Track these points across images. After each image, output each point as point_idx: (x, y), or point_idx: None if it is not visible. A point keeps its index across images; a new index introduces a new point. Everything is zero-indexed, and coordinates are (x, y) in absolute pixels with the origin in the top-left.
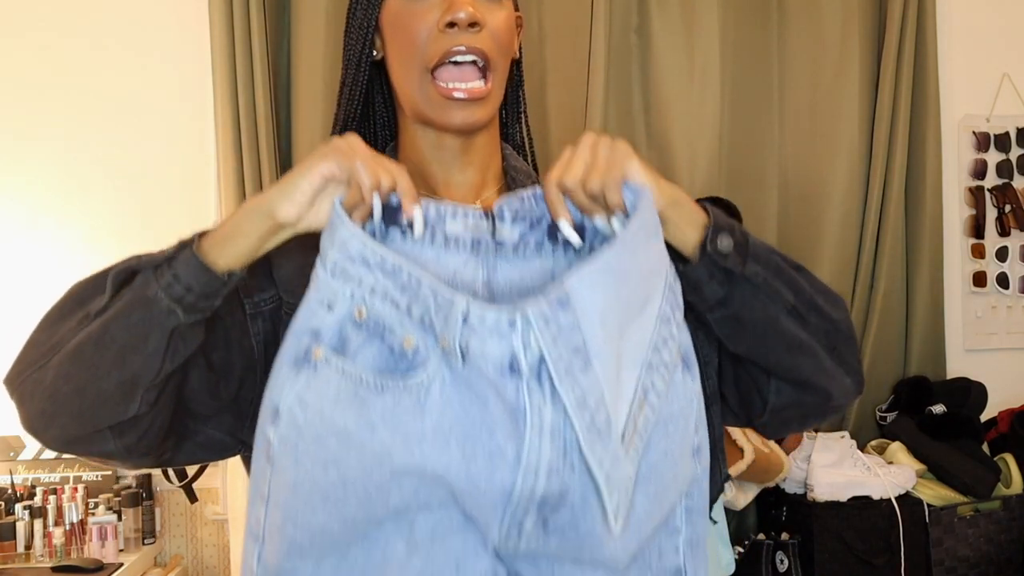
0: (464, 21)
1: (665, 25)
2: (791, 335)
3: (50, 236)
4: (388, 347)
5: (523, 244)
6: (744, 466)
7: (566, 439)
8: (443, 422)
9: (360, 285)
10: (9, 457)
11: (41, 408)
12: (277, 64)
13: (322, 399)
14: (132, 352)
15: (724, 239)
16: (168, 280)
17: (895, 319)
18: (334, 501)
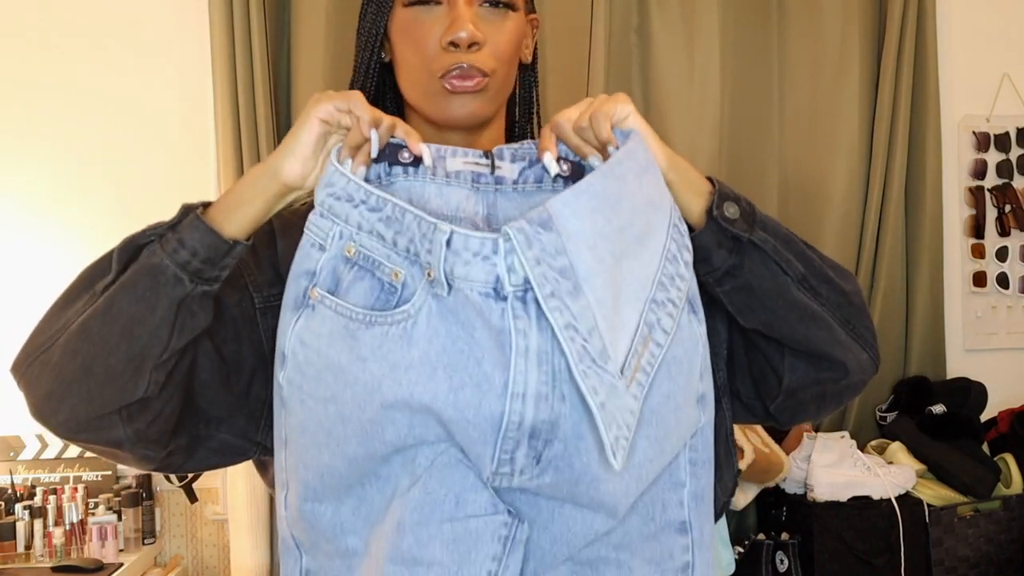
0: (464, 42)
1: (665, 25)
2: (803, 305)
3: (49, 236)
4: (378, 281)
5: (522, 180)
6: (744, 466)
7: (555, 365)
8: (430, 352)
9: (348, 222)
10: (9, 457)
11: (48, 390)
12: (277, 64)
13: (319, 337)
14: (139, 324)
15: (730, 206)
16: (174, 246)
17: (895, 319)
18: (336, 438)
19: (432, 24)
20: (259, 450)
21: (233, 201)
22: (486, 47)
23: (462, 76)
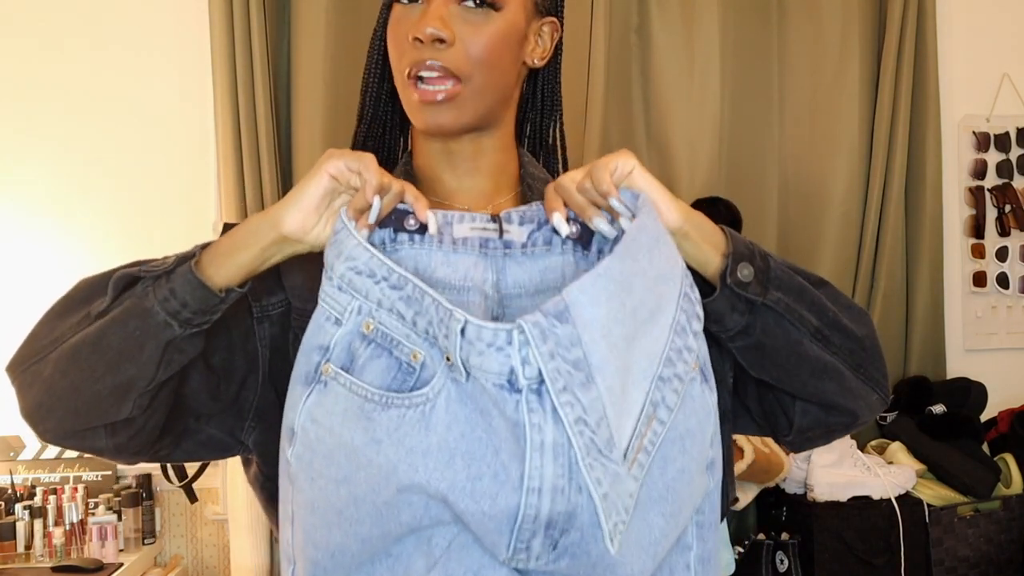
0: (429, 37)
1: (665, 25)
2: (815, 359)
3: (50, 236)
4: (396, 361)
5: (531, 243)
6: (744, 466)
7: (571, 458)
8: (448, 438)
9: (367, 298)
10: (9, 457)
11: (39, 400)
12: (277, 64)
13: (331, 416)
14: (127, 360)
15: (744, 267)
16: (165, 294)
17: (895, 319)
18: (348, 519)
19: (410, 21)
20: (243, 449)
21: (230, 246)
22: (457, 46)
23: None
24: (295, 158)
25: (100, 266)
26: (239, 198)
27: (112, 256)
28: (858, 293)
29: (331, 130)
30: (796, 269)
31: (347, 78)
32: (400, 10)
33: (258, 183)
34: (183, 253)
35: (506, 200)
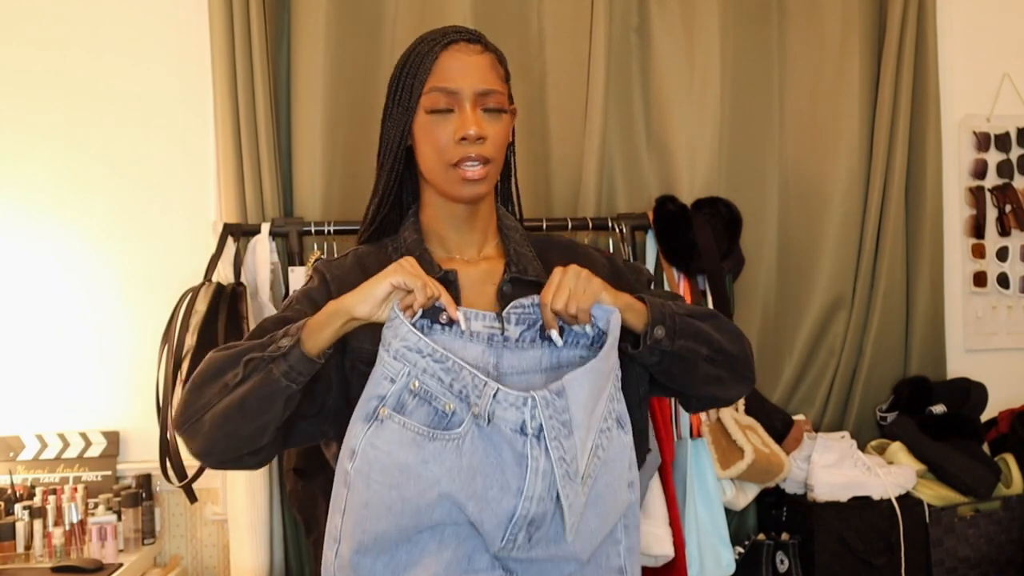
0: (473, 137)
1: (665, 25)
2: (706, 373)
3: (50, 236)
4: (434, 409)
5: (522, 340)
6: (744, 466)
7: (551, 480)
8: (473, 462)
9: (415, 366)
10: (9, 457)
11: (202, 447)
12: (277, 64)
13: (389, 443)
14: (264, 412)
15: (659, 329)
16: (285, 369)
17: (895, 319)
18: (394, 513)
19: (447, 126)
20: (325, 437)
21: (319, 327)
22: (488, 140)
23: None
24: (295, 158)
25: (100, 266)
26: (239, 198)
27: (112, 256)
28: (858, 293)
29: (331, 130)
30: (694, 313)
31: (347, 78)
32: (432, 120)
33: (258, 183)
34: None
35: (492, 248)
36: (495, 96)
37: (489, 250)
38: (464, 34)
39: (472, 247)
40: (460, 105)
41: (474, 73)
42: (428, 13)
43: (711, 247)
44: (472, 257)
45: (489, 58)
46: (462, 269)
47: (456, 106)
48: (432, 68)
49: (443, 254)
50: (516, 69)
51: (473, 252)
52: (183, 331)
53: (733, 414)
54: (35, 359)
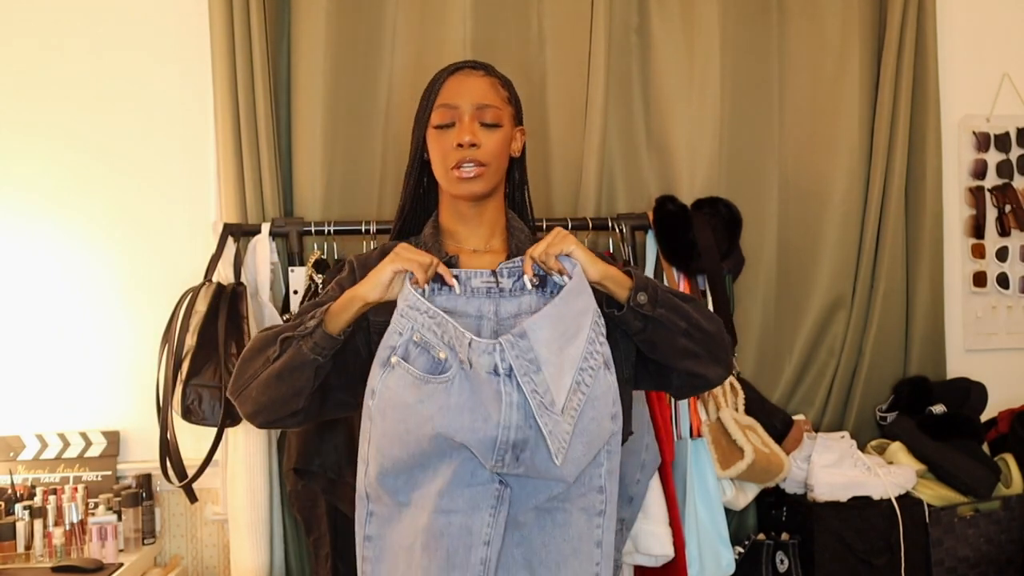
0: (467, 144)
1: (665, 25)
2: (684, 347)
3: (49, 236)
4: (431, 357)
5: (514, 289)
6: (744, 466)
7: (526, 411)
8: (460, 400)
9: (415, 322)
10: (9, 457)
11: (251, 409)
12: (277, 64)
13: (397, 385)
14: (297, 381)
15: (642, 295)
16: (311, 345)
17: (895, 319)
18: (403, 442)
19: (448, 137)
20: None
21: (338, 311)
22: (482, 148)
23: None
24: (295, 158)
25: (100, 266)
26: (239, 198)
27: (112, 256)
28: (858, 293)
29: (331, 130)
30: (675, 293)
31: (347, 78)
32: (438, 133)
33: (258, 183)
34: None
35: (498, 242)
36: (492, 111)
37: (495, 244)
38: (471, 63)
39: (479, 240)
40: (460, 119)
41: (473, 91)
42: (428, 13)
43: (711, 247)
44: (478, 248)
45: (490, 80)
46: (467, 257)
47: (457, 120)
48: (440, 90)
49: (454, 246)
50: (516, 69)
51: (479, 244)
52: (183, 331)
53: (733, 414)
54: (35, 359)
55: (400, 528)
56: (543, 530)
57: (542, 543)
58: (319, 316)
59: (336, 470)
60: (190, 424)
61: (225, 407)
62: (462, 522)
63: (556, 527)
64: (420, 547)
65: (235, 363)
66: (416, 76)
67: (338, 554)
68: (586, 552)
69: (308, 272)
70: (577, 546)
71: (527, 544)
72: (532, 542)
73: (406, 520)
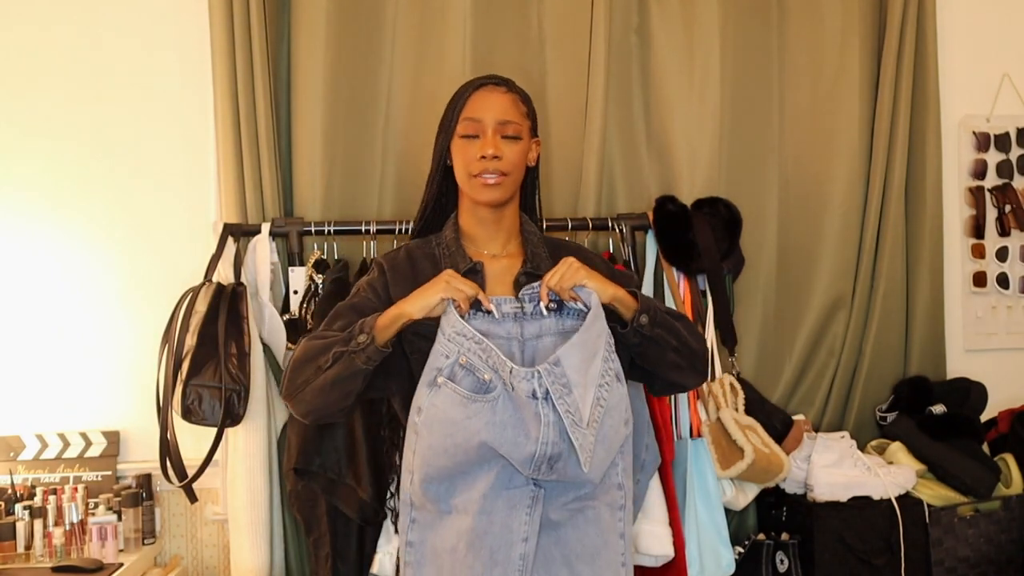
0: (490, 156)
1: (665, 25)
2: (671, 361)
3: (49, 236)
4: (476, 379)
5: (535, 313)
6: (744, 466)
7: (560, 428)
8: (504, 417)
9: (462, 347)
10: (9, 457)
11: (305, 410)
12: (277, 64)
13: (444, 403)
14: (349, 386)
15: (643, 317)
16: (364, 359)
17: (895, 319)
18: (449, 454)
19: (473, 148)
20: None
21: (385, 326)
22: (504, 159)
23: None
24: (295, 158)
25: (100, 266)
26: (239, 198)
27: (112, 256)
28: (858, 293)
29: (331, 130)
30: (670, 312)
31: (347, 78)
32: (462, 143)
33: (258, 183)
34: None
35: (513, 244)
36: (512, 126)
37: (512, 248)
38: (494, 79)
39: (497, 244)
40: (483, 132)
41: (496, 107)
42: (428, 13)
43: (711, 247)
44: (497, 253)
45: (512, 97)
46: (488, 262)
47: (480, 132)
48: (465, 104)
49: (474, 249)
50: (516, 69)
51: (498, 248)
52: (183, 331)
53: (733, 414)
54: (35, 359)
55: (442, 532)
56: (576, 527)
57: (577, 539)
58: (368, 332)
59: (336, 470)
60: (190, 424)
61: (225, 407)
62: (502, 522)
63: (588, 523)
64: (464, 547)
65: (235, 363)
66: (416, 76)
67: (338, 554)
68: (613, 543)
69: (308, 272)
70: (607, 538)
71: (563, 542)
72: (568, 539)
73: (448, 524)
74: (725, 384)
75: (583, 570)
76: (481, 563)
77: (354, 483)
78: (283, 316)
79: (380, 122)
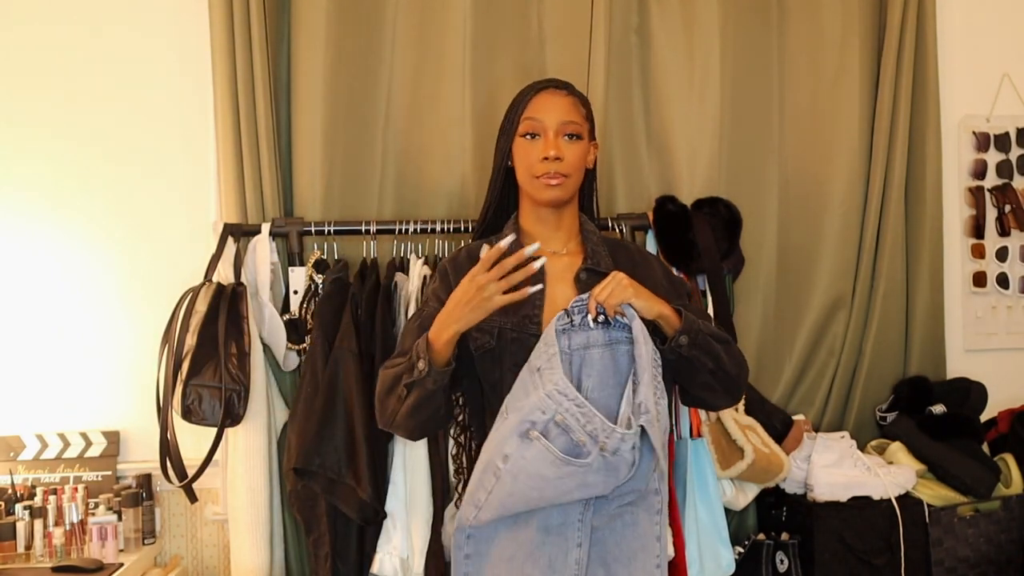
0: (552, 157)
1: (665, 25)
2: (704, 382)
3: (49, 236)
4: (570, 439)
5: (582, 324)
6: (744, 466)
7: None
8: (596, 478)
9: (561, 406)
10: (9, 457)
11: (407, 434)
12: (277, 64)
13: (535, 459)
14: (432, 404)
15: (684, 337)
16: (431, 383)
17: (895, 319)
18: (531, 502)
19: (535, 148)
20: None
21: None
22: (565, 160)
23: (552, 178)
24: (295, 158)
25: (100, 266)
26: (239, 198)
27: (112, 256)
28: (858, 293)
29: (331, 130)
30: (714, 335)
31: (347, 78)
32: (524, 143)
33: (258, 183)
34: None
35: (573, 244)
36: (573, 125)
37: (572, 247)
38: (555, 83)
39: (558, 242)
40: (545, 133)
41: (558, 109)
42: (428, 13)
43: (711, 247)
44: (558, 250)
45: (572, 99)
46: (550, 259)
47: (542, 133)
48: (527, 106)
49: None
50: (516, 69)
51: (559, 246)
52: (183, 331)
53: (733, 414)
54: (35, 359)
55: (499, 543)
56: (615, 531)
57: (615, 542)
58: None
59: (336, 470)
60: (190, 424)
61: (225, 407)
62: (558, 531)
63: (626, 527)
64: (524, 557)
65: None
66: (416, 76)
67: (338, 554)
68: (650, 547)
69: (308, 272)
70: (645, 543)
71: (601, 544)
72: (606, 542)
73: (505, 536)
74: None
75: (620, 571)
76: (540, 571)
77: (354, 483)
78: (283, 316)
79: (380, 122)
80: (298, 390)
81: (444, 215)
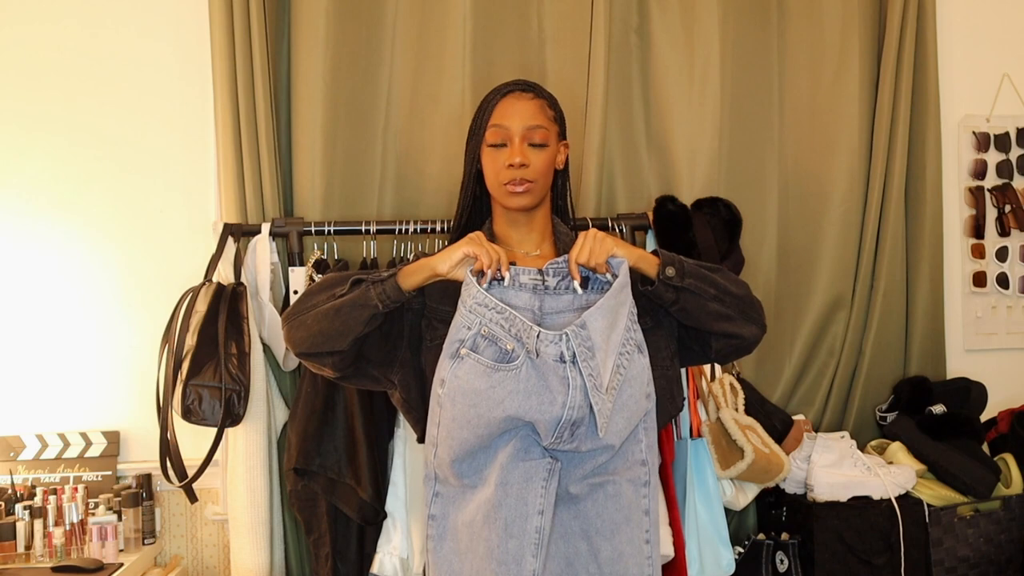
0: (518, 164)
1: (665, 25)
2: (716, 311)
3: (49, 236)
4: (499, 348)
5: (558, 288)
6: (744, 466)
7: (585, 392)
8: (528, 385)
9: (483, 317)
10: (9, 457)
11: (300, 335)
12: (277, 64)
13: (467, 374)
14: (351, 320)
15: (670, 268)
16: (380, 291)
17: (895, 319)
18: (473, 425)
19: (501, 156)
20: (389, 384)
21: (410, 273)
22: (531, 167)
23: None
24: (295, 158)
25: (100, 266)
26: (239, 198)
27: (112, 256)
28: (858, 293)
29: (331, 130)
30: (701, 264)
31: (347, 78)
32: (491, 151)
33: (258, 183)
34: (389, 271)
35: (546, 245)
36: (540, 132)
37: (546, 248)
38: (520, 85)
39: (531, 244)
40: (511, 139)
41: (523, 114)
42: (428, 13)
43: (711, 247)
44: (530, 252)
45: (538, 102)
46: (523, 261)
47: (508, 140)
48: (492, 111)
49: (508, 251)
50: (516, 69)
51: (532, 248)
52: (183, 331)
53: (733, 414)
54: (35, 359)
55: (463, 507)
56: (596, 502)
57: (596, 513)
58: (392, 271)
59: (336, 470)
60: (190, 424)
61: (225, 407)
62: (517, 494)
63: (608, 498)
64: (481, 519)
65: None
66: (416, 76)
67: (338, 554)
68: (636, 520)
69: (308, 272)
70: (628, 515)
71: (583, 516)
72: (587, 513)
73: (468, 498)
74: (725, 384)
75: (602, 545)
76: (496, 534)
77: (354, 483)
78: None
79: (380, 122)
80: (298, 390)
81: (444, 215)
